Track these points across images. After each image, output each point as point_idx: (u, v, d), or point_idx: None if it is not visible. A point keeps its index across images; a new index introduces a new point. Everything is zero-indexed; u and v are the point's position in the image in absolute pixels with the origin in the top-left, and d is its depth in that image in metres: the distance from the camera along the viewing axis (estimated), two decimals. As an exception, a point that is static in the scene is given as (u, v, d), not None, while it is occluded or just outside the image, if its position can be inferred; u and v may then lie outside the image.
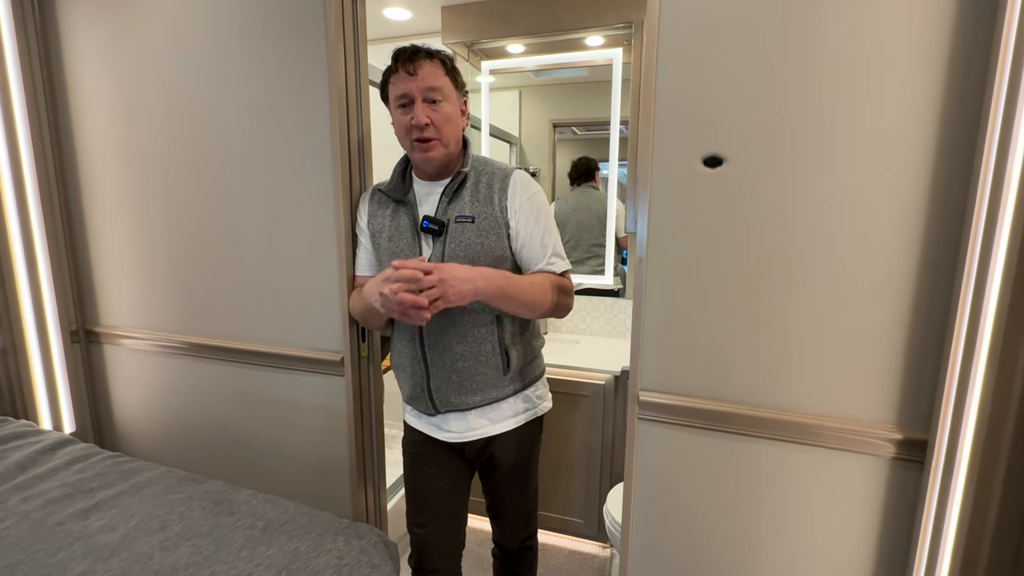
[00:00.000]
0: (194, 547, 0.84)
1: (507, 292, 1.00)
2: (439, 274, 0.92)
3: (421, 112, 1.02)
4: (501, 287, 0.99)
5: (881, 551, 0.94)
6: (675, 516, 1.08)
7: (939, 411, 0.82)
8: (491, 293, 0.98)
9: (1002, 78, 0.71)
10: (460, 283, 0.94)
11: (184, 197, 1.48)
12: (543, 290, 1.06)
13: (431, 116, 1.03)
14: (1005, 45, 0.72)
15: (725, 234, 0.96)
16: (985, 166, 0.74)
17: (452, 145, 1.08)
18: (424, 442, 1.21)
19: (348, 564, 0.84)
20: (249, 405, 1.51)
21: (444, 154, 1.07)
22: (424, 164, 1.08)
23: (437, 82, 1.03)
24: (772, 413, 0.97)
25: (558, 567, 1.87)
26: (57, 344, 1.61)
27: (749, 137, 0.92)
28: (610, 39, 2.06)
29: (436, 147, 1.05)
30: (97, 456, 1.14)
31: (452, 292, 0.93)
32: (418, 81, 1.02)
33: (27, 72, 1.50)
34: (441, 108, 1.04)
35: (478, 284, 0.96)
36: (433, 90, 1.03)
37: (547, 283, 1.08)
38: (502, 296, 1.00)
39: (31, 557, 0.80)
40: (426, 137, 1.03)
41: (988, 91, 0.75)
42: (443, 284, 0.92)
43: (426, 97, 1.03)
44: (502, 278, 1.00)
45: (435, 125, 1.03)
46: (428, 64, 1.03)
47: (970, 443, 0.77)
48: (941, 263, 0.84)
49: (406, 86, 1.02)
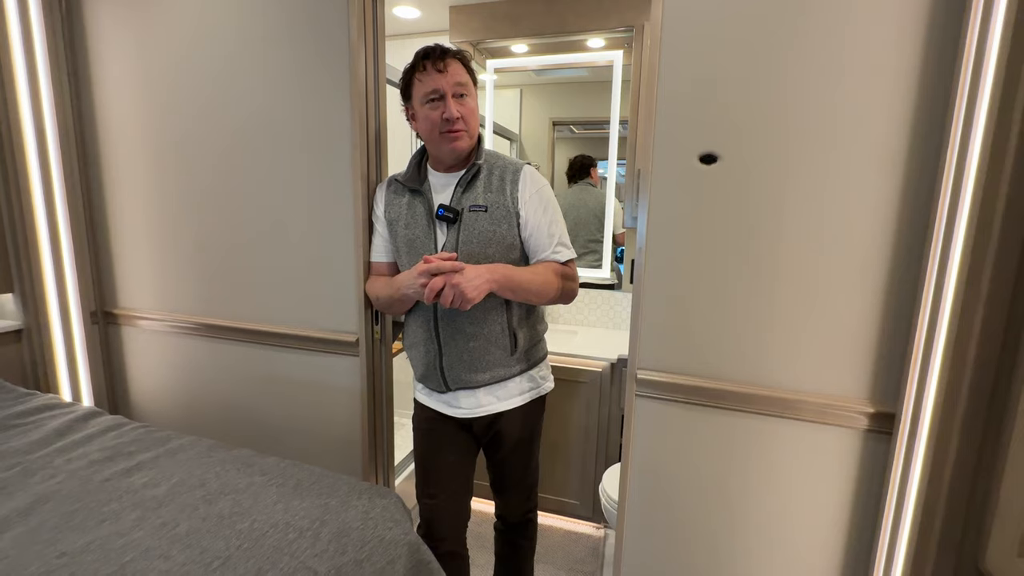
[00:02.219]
0: (234, 500, 0.92)
1: (511, 285, 1.10)
2: (455, 279, 1.02)
3: (453, 106, 1.11)
4: (504, 276, 1.09)
5: (855, 512, 1.05)
6: (668, 485, 1.17)
7: (905, 386, 0.92)
8: (498, 285, 1.08)
9: (962, 97, 0.82)
10: (473, 290, 1.02)
11: (204, 186, 1.55)
12: (547, 280, 1.15)
13: (460, 110, 1.12)
14: (966, 65, 0.81)
15: (717, 227, 1.06)
16: (947, 174, 0.84)
17: (475, 136, 1.18)
18: (435, 418, 1.29)
19: (373, 518, 0.93)
20: (264, 384, 1.58)
21: (470, 144, 1.17)
22: (451, 154, 1.17)
23: (463, 78, 1.13)
24: (758, 390, 1.07)
25: (554, 546, 1.96)
26: (78, 325, 1.68)
27: (741, 137, 1.02)
28: (611, 42, 2.15)
29: (464, 137, 1.14)
30: (128, 425, 1.22)
31: (471, 296, 1.02)
32: (448, 77, 1.11)
33: (54, 65, 1.57)
34: (467, 102, 1.14)
35: (487, 282, 1.05)
36: (461, 85, 1.12)
37: (551, 272, 1.17)
38: (508, 288, 1.10)
39: (85, 507, 0.88)
40: (457, 129, 1.13)
41: (951, 104, 0.85)
42: (459, 290, 1.01)
43: (455, 92, 1.12)
44: (505, 270, 1.10)
45: (464, 118, 1.13)
46: (454, 62, 1.13)
47: (930, 413, 0.87)
48: (909, 256, 0.94)
49: (436, 83, 1.11)
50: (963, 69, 0.82)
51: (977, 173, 0.79)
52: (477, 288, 1.03)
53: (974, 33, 0.80)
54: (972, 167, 0.79)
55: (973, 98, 0.80)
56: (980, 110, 0.79)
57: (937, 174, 0.88)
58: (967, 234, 0.80)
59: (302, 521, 0.88)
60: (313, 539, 0.86)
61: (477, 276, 1.04)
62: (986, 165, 0.78)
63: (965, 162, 0.81)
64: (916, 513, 0.91)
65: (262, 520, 0.87)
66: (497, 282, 1.07)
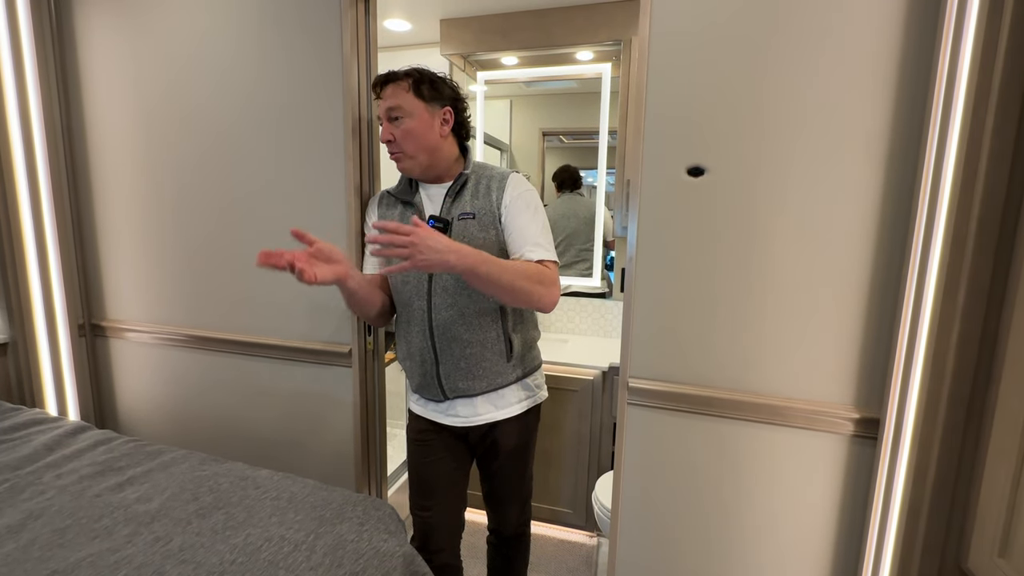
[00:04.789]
0: (227, 514, 0.92)
1: (479, 270, 0.99)
2: (413, 237, 0.94)
3: (384, 129, 1.15)
4: (473, 264, 0.99)
5: (843, 514, 1.07)
6: (661, 493, 1.19)
7: (889, 392, 0.95)
8: (463, 268, 0.98)
9: (935, 123, 0.86)
10: (430, 251, 0.94)
11: (195, 196, 1.55)
12: (518, 274, 1.06)
13: (393, 133, 1.15)
14: (940, 78, 0.85)
15: (706, 237, 1.08)
16: (923, 196, 0.88)
17: (422, 155, 1.16)
18: (430, 429, 1.29)
19: (368, 530, 0.93)
20: (256, 396, 1.58)
21: (414, 164, 1.17)
22: (403, 173, 1.21)
23: (397, 101, 1.13)
24: (748, 396, 1.09)
25: (547, 555, 1.96)
26: (65, 338, 1.66)
27: (728, 150, 1.05)
28: (600, 54, 2.19)
29: (402, 159, 1.17)
30: (119, 439, 1.20)
31: (420, 258, 0.94)
32: (383, 103, 1.15)
33: (43, 73, 1.56)
34: (402, 124, 1.14)
35: (449, 258, 0.96)
36: (393, 108, 1.14)
37: (525, 268, 1.09)
38: (474, 273, 1.00)
39: (77, 523, 0.87)
40: (392, 151, 1.17)
41: (925, 126, 0.88)
42: (414, 248, 0.94)
43: (389, 116, 1.15)
44: (477, 257, 0.99)
45: (396, 140, 1.15)
46: (391, 87, 1.15)
47: (913, 418, 0.90)
48: (890, 267, 0.98)
49: (379, 109, 1.17)
50: (937, 85, 0.86)
51: (950, 196, 0.83)
52: (428, 264, 0.95)
53: (945, 62, 0.84)
54: (946, 190, 0.84)
55: (946, 125, 0.84)
56: (952, 135, 0.83)
57: (914, 194, 0.92)
58: (943, 251, 0.84)
59: (297, 534, 0.88)
60: (308, 552, 0.86)
61: (438, 252, 0.95)
62: (958, 191, 0.82)
63: (939, 185, 0.85)
64: (901, 515, 0.93)
65: (256, 534, 0.87)
66: (458, 267, 0.97)
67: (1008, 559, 0.80)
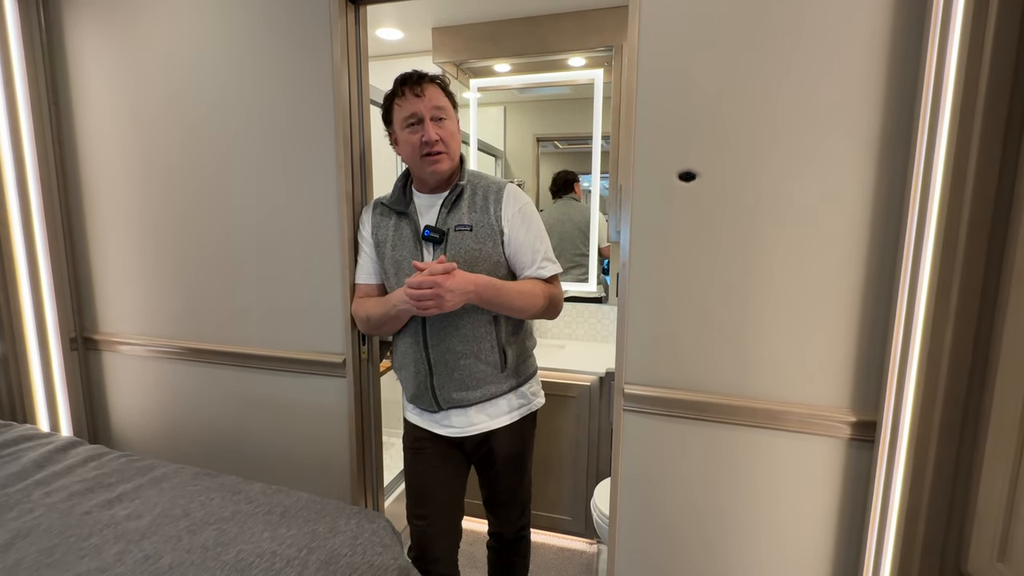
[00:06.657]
0: (219, 530, 0.90)
1: (496, 301, 1.12)
2: (438, 289, 1.03)
3: (431, 129, 1.13)
4: (490, 298, 1.11)
5: (842, 518, 1.06)
6: (659, 499, 1.17)
7: (885, 395, 0.94)
8: (480, 301, 1.10)
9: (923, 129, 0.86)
10: (453, 296, 1.05)
11: (186, 207, 1.54)
12: (531, 295, 1.17)
13: (439, 132, 1.14)
14: (928, 81, 0.85)
15: (699, 243, 1.08)
16: (914, 198, 0.88)
17: (456, 158, 1.20)
18: (425, 438, 1.28)
19: (362, 543, 0.92)
20: (250, 408, 1.56)
21: (451, 166, 1.18)
22: (432, 176, 1.18)
23: (441, 102, 1.15)
24: (744, 401, 1.08)
25: (547, 563, 1.94)
26: (57, 352, 1.64)
27: (719, 155, 1.04)
28: (592, 60, 2.19)
29: (444, 160, 1.16)
30: (109, 455, 1.19)
31: (448, 305, 1.05)
32: (426, 101, 1.13)
33: (33, 84, 1.55)
34: (446, 125, 1.16)
35: (470, 296, 1.08)
36: (439, 109, 1.15)
37: (536, 289, 1.18)
38: (490, 302, 1.12)
39: (65, 542, 0.85)
40: (436, 151, 1.14)
41: (915, 128, 0.88)
42: (439, 299, 1.04)
43: (433, 116, 1.14)
44: (491, 289, 1.11)
45: (443, 140, 1.15)
46: (432, 87, 1.15)
47: (909, 420, 0.89)
48: (883, 269, 0.98)
49: (414, 107, 1.13)
50: (925, 88, 0.86)
51: (940, 198, 0.83)
52: (453, 301, 1.05)
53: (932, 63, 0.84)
54: (936, 193, 0.84)
55: (934, 127, 0.84)
56: (940, 137, 0.83)
57: (904, 197, 0.91)
58: (935, 252, 0.84)
59: (289, 550, 0.86)
60: (301, 568, 0.85)
61: (458, 286, 1.05)
62: (948, 192, 0.82)
63: (929, 188, 0.85)
64: (900, 518, 0.92)
65: (248, 550, 0.86)
66: (478, 293, 1.09)
67: (1007, 563, 0.80)
